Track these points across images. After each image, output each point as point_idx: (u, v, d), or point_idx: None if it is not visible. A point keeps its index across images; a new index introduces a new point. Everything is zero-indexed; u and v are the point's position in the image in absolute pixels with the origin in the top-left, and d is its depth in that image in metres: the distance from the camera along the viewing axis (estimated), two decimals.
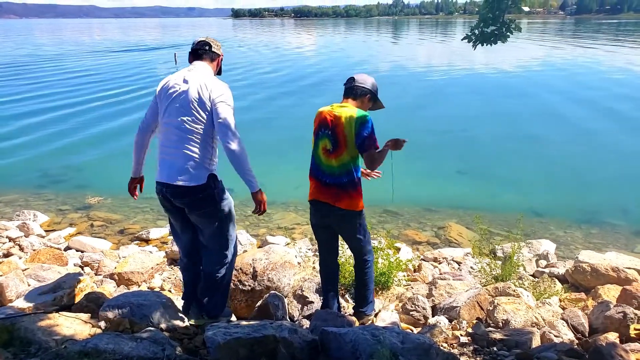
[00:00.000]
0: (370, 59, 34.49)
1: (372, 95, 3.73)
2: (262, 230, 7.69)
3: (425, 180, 9.87)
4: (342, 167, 3.54)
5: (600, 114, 15.29)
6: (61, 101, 18.10)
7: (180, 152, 3.13)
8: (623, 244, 7.15)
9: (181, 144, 3.12)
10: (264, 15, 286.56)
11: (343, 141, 3.49)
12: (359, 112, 3.48)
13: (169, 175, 3.16)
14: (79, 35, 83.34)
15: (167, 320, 3.57)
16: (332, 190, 3.61)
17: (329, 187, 3.62)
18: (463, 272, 5.64)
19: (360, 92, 3.66)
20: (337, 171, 3.56)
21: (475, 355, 3.24)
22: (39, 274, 5.10)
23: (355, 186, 3.60)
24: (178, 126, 3.11)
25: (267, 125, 14.50)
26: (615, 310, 3.80)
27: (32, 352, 2.69)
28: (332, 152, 3.54)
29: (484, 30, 4.44)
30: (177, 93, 3.12)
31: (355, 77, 3.68)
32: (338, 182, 3.58)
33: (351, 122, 3.44)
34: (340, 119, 3.48)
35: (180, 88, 3.13)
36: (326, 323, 3.67)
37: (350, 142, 3.47)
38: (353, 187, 3.59)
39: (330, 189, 3.62)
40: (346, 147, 3.50)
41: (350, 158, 3.54)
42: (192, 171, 3.15)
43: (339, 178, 3.57)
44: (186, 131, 3.11)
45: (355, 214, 3.67)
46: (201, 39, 3.37)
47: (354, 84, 3.66)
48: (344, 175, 3.56)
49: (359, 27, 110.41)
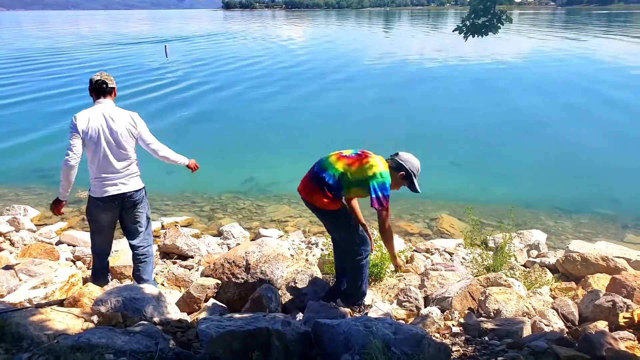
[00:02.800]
0: (364, 49, 34.39)
1: (407, 175, 3.72)
2: (255, 223, 7.69)
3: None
4: (342, 175, 3.60)
5: (589, 105, 15.37)
6: (53, 94, 17.94)
7: (125, 170, 4.00)
8: (613, 233, 7.23)
9: (124, 165, 3.98)
10: (255, 6, 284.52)
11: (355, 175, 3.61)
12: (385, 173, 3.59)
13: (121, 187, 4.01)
14: (68, 27, 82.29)
15: (160, 313, 3.57)
16: (311, 185, 3.71)
17: (311, 181, 3.73)
18: (455, 263, 5.68)
19: (397, 165, 3.71)
20: (333, 173, 3.61)
21: (467, 345, 3.27)
22: (30, 268, 5.06)
23: (333, 199, 3.67)
24: (120, 154, 3.92)
25: (259, 118, 14.45)
26: (605, 299, 3.84)
27: (24, 347, 2.67)
28: (348, 157, 3.66)
29: (475, 22, 4.44)
30: (111, 130, 3.86)
31: (400, 153, 3.77)
32: (321, 179, 3.64)
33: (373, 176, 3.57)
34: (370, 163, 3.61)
35: (106, 124, 3.86)
36: (319, 315, 3.69)
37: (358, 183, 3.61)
38: (332, 198, 3.66)
39: (310, 183, 3.72)
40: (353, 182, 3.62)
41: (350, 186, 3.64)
42: (138, 179, 4.15)
43: (328, 178, 3.62)
44: (126, 157, 3.98)
45: (331, 211, 3.75)
46: (97, 78, 3.96)
47: (395, 157, 3.75)
48: (336, 182, 3.61)
49: (350, 19, 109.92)
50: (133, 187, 4.06)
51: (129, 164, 4.01)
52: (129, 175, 4.03)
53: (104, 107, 3.91)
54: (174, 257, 6.06)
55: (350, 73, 23.01)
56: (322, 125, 13.65)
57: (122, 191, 3.99)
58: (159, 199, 8.54)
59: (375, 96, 17.34)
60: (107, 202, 4.01)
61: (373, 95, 17.45)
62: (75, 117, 3.82)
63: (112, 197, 3.98)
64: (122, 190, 3.99)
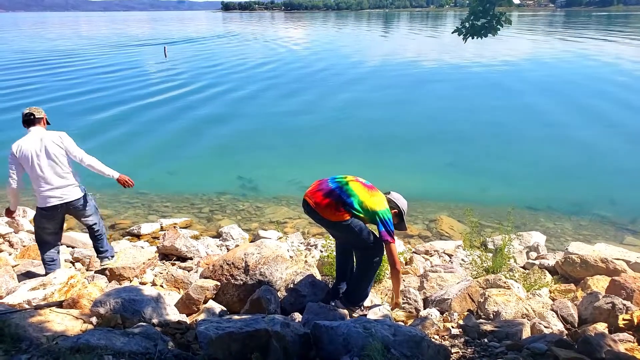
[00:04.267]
0: (363, 50, 34.41)
1: (399, 213, 3.98)
2: (254, 224, 7.68)
3: (416, 173, 9.90)
4: (361, 203, 3.75)
5: (590, 106, 15.38)
6: (50, 94, 17.94)
7: (64, 182, 4.61)
8: (612, 235, 7.23)
9: (62, 179, 4.59)
10: (254, 8, 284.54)
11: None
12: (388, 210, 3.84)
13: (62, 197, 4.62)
14: (66, 29, 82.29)
15: (159, 315, 3.56)
16: (327, 200, 3.78)
17: (327, 196, 3.80)
18: (454, 265, 5.68)
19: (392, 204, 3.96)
20: (357, 199, 3.75)
21: (466, 347, 3.27)
22: (29, 270, 5.07)
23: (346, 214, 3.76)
24: (54, 170, 4.54)
25: (257, 120, 14.45)
26: (604, 301, 3.84)
27: (23, 349, 2.67)
28: (366, 185, 3.87)
29: (474, 23, 4.45)
30: (42, 151, 4.50)
31: (392, 192, 4.06)
32: (345, 202, 3.75)
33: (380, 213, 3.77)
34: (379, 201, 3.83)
35: (41, 148, 4.51)
36: (318, 316, 3.68)
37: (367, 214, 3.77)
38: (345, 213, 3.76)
39: (326, 198, 3.79)
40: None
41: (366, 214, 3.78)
42: (77, 189, 4.73)
43: (347, 199, 3.75)
44: (61, 171, 4.58)
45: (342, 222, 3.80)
46: (27, 111, 4.65)
47: (388, 195, 4.00)
48: (358, 207, 3.74)
49: (349, 20, 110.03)
50: (73, 196, 4.68)
51: (64, 177, 4.61)
52: (67, 186, 4.63)
53: (33, 133, 4.59)
54: (173, 258, 6.05)
55: (350, 76, 23.02)
56: (322, 127, 13.64)
57: (64, 200, 4.62)
58: (158, 200, 8.54)
59: (374, 98, 17.35)
60: (49, 211, 4.64)
61: (371, 98, 17.46)
62: (11, 147, 4.54)
63: (53, 207, 4.61)
64: (63, 199, 4.62)
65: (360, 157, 10.85)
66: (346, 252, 4.25)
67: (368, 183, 3.93)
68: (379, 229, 3.75)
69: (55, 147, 4.55)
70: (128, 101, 16.90)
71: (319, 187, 3.89)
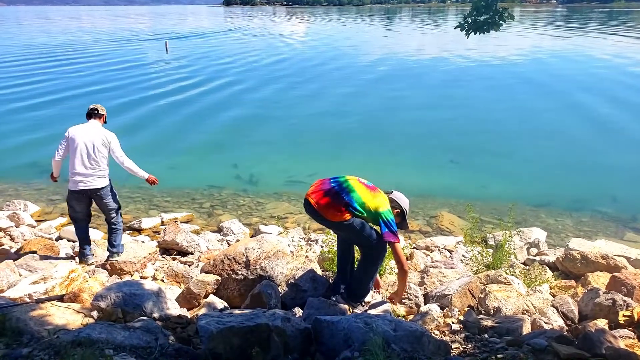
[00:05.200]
0: (363, 45, 34.30)
1: (401, 212, 4.01)
2: (255, 219, 7.69)
3: (417, 169, 9.90)
4: (363, 204, 3.74)
5: (591, 103, 15.34)
6: (52, 88, 17.92)
7: (93, 172, 5.09)
8: (613, 231, 7.23)
9: (93, 169, 5.08)
10: (256, 3, 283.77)
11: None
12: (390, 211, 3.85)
13: (87, 184, 5.09)
14: (67, 23, 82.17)
15: (160, 309, 3.57)
16: (326, 199, 3.77)
17: (326, 195, 3.79)
18: (455, 260, 5.68)
19: (394, 203, 3.97)
20: (357, 198, 3.75)
21: (467, 343, 3.27)
22: (30, 264, 5.07)
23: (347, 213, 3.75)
24: (90, 160, 5.05)
25: (259, 117, 14.43)
26: (605, 297, 3.84)
27: (25, 342, 2.67)
28: (367, 186, 3.87)
29: (476, 19, 4.43)
30: (89, 141, 5.04)
31: (394, 192, 4.08)
32: (344, 201, 3.73)
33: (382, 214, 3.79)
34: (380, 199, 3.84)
35: (89, 138, 5.06)
36: (319, 311, 3.69)
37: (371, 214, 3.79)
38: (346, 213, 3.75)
39: (326, 197, 3.78)
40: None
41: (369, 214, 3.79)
42: (102, 180, 5.18)
43: (345, 196, 3.74)
44: (95, 164, 5.08)
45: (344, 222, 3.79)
46: (92, 106, 5.31)
47: (390, 195, 4.02)
48: (358, 207, 3.74)
49: (351, 15, 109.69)
50: (98, 185, 5.13)
51: (95, 168, 5.08)
52: (94, 175, 5.09)
53: (89, 125, 5.21)
54: (174, 253, 6.06)
55: (345, 73, 22.96)
56: (323, 123, 13.63)
57: (89, 187, 5.10)
58: (159, 195, 8.54)
59: (372, 95, 17.32)
60: (76, 194, 5.13)
61: (370, 94, 17.43)
62: (68, 129, 5.13)
63: (79, 190, 5.10)
64: (88, 186, 5.09)
65: (361, 153, 10.83)
66: (348, 247, 4.25)
67: (370, 184, 3.93)
68: (381, 231, 3.76)
69: (100, 143, 5.09)
70: (128, 95, 16.89)
71: (320, 186, 3.90)
